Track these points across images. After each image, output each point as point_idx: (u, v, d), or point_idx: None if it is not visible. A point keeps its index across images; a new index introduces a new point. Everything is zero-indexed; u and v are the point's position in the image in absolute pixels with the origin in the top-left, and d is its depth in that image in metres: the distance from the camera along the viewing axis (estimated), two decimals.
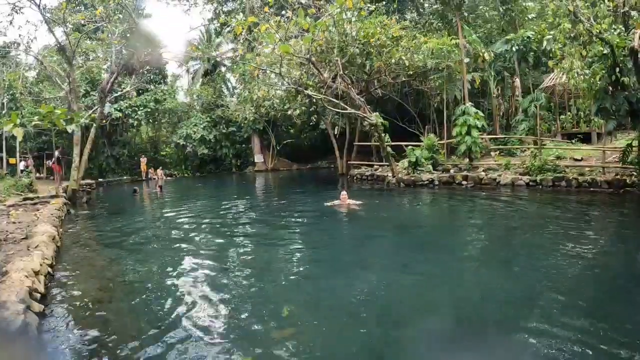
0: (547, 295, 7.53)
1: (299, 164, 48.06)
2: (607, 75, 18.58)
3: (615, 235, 12.60)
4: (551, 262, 9.39)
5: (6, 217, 14.95)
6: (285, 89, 32.04)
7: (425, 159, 26.27)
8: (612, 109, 19.04)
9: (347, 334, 6.43)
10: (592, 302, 7.29)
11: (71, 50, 24.01)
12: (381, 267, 9.77)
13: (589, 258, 9.74)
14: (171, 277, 9.59)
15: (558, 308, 6.96)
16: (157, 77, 45.79)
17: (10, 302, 6.23)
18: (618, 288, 8.08)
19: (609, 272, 8.99)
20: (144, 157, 43.34)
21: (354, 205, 17.44)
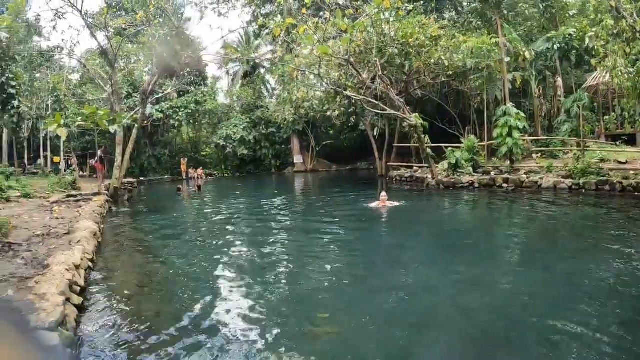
0: (586, 304, 7.21)
1: (338, 165, 47.98)
2: None
3: None
4: (592, 269, 9.00)
5: (50, 213, 15.37)
6: (324, 90, 32.00)
7: (466, 160, 25.75)
8: None
9: (382, 337, 6.35)
10: (634, 312, 7.02)
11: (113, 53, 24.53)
12: (418, 270, 9.58)
13: (634, 266, 9.36)
14: (209, 275, 9.68)
15: (598, 317, 6.66)
16: (197, 79, 46.38)
17: (50, 294, 6.38)
18: None
19: None
20: (184, 158, 44.02)
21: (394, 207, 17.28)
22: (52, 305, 5.97)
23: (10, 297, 6.56)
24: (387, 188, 26.24)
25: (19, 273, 7.87)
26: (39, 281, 6.99)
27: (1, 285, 7.19)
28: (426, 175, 27.22)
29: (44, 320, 5.50)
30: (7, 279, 7.52)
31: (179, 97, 42.90)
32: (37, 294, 6.41)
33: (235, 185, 35.65)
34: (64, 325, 5.80)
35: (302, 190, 31.91)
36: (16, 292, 6.78)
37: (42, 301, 6.14)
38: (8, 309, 4.13)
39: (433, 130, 29.78)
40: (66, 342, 5.48)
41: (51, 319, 5.54)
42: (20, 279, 7.50)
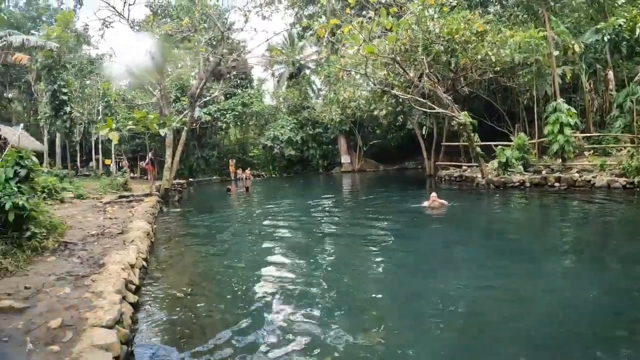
0: None
1: (386, 164, 47.66)
2: None
3: None
4: None
5: (103, 213, 15.69)
6: (371, 90, 31.78)
7: (516, 159, 25.04)
8: None
9: (432, 340, 6.22)
10: None
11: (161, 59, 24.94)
12: (468, 272, 9.34)
13: None
14: (258, 274, 9.71)
15: None
16: (243, 82, 46.84)
17: (107, 292, 6.47)
18: None
19: None
20: (232, 159, 44.50)
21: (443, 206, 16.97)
22: (109, 303, 6.05)
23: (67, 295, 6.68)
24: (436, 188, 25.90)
25: (76, 271, 8.01)
26: (96, 279, 7.11)
27: (59, 283, 7.33)
28: (476, 175, 26.71)
29: (102, 318, 5.56)
30: (65, 277, 7.67)
31: (226, 100, 43.46)
32: (94, 292, 6.52)
33: (283, 186, 35.83)
34: (120, 323, 5.86)
35: (350, 190, 31.74)
36: (73, 290, 6.90)
37: (100, 299, 6.23)
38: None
39: (481, 128, 29.19)
40: (123, 339, 5.52)
41: (109, 317, 5.60)
42: (77, 277, 7.63)
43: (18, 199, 8.93)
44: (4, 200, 8.84)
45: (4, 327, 5.55)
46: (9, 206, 8.76)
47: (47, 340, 5.16)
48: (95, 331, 5.25)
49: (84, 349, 4.78)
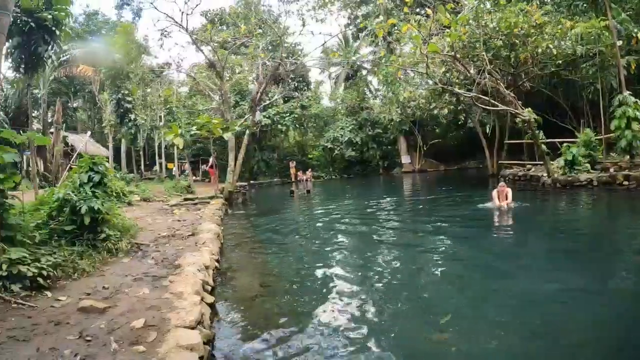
0: None
1: (446, 164, 46.99)
2: None
3: None
4: None
5: (170, 216, 15.97)
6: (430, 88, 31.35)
7: (582, 157, 24.04)
8: None
9: (506, 342, 5.95)
10: None
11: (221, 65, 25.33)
12: (539, 276, 8.82)
13: None
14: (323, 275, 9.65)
15: None
16: (301, 85, 47.15)
17: (186, 293, 6.51)
18: None
19: None
20: (292, 161, 44.82)
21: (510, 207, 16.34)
22: (190, 304, 6.09)
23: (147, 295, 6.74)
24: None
25: (152, 272, 8.13)
26: (173, 280, 7.16)
27: (136, 283, 7.44)
28: (541, 174, 25.86)
29: (185, 319, 5.57)
30: (142, 278, 7.78)
31: (284, 103, 43.84)
32: (173, 293, 6.57)
33: (344, 187, 35.75)
34: (201, 324, 5.87)
35: (411, 190, 31.34)
36: (152, 291, 6.97)
37: (180, 300, 6.27)
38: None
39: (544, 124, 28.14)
40: (205, 339, 5.51)
41: (191, 318, 5.62)
42: (154, 278, 7.73)
43: (93, 202, 9.18)
44: (80, 204, 9.10)
45: (86, 326, 5.63)
46: (85, 210, 9.00)
47: (131, 340, 5.18)
48: (179, 332, 5.26)
49: (170, 350, 4.78)
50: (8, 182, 7.36)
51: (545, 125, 28.70)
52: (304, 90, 47.23)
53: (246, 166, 40.36)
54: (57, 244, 8.45)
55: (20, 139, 7.68)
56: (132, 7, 53.27)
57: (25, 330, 5.51)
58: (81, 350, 4.96)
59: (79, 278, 7.71)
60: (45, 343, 5.15)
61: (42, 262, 7.23)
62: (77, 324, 5.71)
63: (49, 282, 7.11)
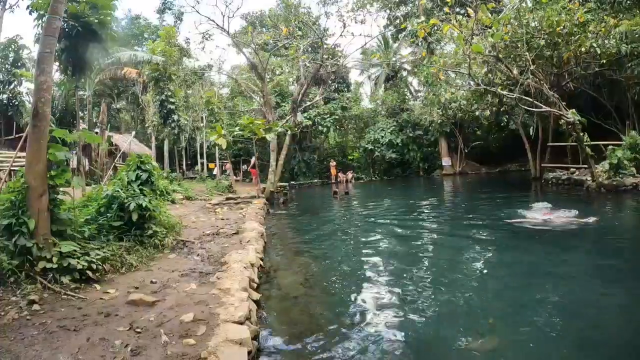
0: None
1: (488, 166, 46.21)
2: None
3: None
4: None
5: (213, 214, 16.16)
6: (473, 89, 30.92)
7: (628, 160, 23.40)
8: None
9: (548, 351, 5.81)
10: None
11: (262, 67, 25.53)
12: (584, 282, 8.64)
13: None
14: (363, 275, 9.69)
15: None
16: (341, 86, 47.17)
17: (234, 289, 6.57)
18: None
19: None
20: (333, 162, 44.81)
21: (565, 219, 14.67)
22: (238, 300, 6.17)
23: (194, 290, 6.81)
24: (542, 191, 24.80)
25: (198, 268, 8.25)
26: (221, 277, 7.24)
27: (183, 279, 7.55)
28: (585, 177, 25.26)
29: (233, 314, 5.62)
30: (188, 273, 7.89)
31: (325, 104, 43.93)
32: (221, 289, 6.65)
33: (384, 189, 35.48)
34: (249, 319, 5.91)
35: (452, 193, 30.90)
36: (199, 286, 7.07)
37: (228, 296, 6.34)
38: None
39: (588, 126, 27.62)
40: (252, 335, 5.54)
41: (240, 313, 5.69)
42: (201, 274, 7.84)
43: (141, 200, 9.35)
44: (128, 201, 9.28)
45: (136, 318, 5.72)
46: (133, 207, 9.18)
47: (181, 334, 5.26)
48: (228, 326, 5.32)
49: (220, 343, 4.83)
50: (60, 179, 7.53)
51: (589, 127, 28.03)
52: (344, 92, 47.23)
53: (287, 167, 40.55)
54: (105, 239, 8.69)
55: (71, 137, 7.85)
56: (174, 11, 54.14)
57: (76, 320, 5.66)
58: (131, 342, 5.05)
59: (127, 272, 7.89)
60: (96, 333, 5.27)
61: (92, 255, 7.42)
62: (127, 316, 5.83)
63: (98, 276, 7.29)
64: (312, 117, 42.25)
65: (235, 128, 23.88)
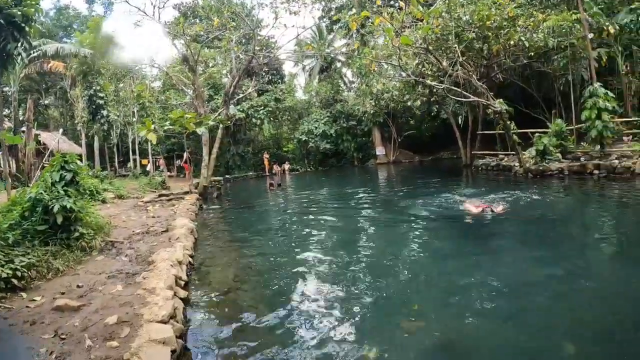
0: None
1: (421, 155, 47.17)
2: None
3: None
4: None
5: (145, 212, 16.00)
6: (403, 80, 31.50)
7: (554, 146, 24.47)
8: None
9: (476, 331, 6.18)
10: None
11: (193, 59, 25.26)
12: (512, 264, 9.17)
13: None
14: (298, 267, 9.80)
15: None
16: (275, 78, 47.08)
17: (159, 288, 6.62)
18: None
19: None
20: (267, 154, 44.76)
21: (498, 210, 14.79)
22: (163, 299, 6.21)
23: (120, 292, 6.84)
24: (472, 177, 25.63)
25: (125, 269, 8.23)
26: (147, 277, 7.27)
27: (110, 281, 7.54)
28: (513, 164, 26.33)
29: (157, 313, 5.69)
30: (115, 275, 7.87)
31: (258, 96, 43.77)
32: (146, 289, 6.68)
33: (319, 179, 35.77)
34: (174, 318, 5.99)
35: (385, 181, 31.52)
36: (125, 287, 7.09)
37: (153, 295, 6.39)
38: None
39: (517, 115, 28.52)
40: (178, 333, 5.64)
41: (163, 312, 5.75)
42: (128, 275, 7.84)
43: (65, 201, 9.19)
44: (52, 203, 9.11)
45: (61, 325, 5.73)
46: (57, 209, 9.02)
47: (105, 336, 5.31)
48: (151, 326, 5.38)
49: (143, 344, 4.91)
50: None
51: (518, 116, 29.12)
52: (278, 83, 47.18)
53: (221, 160, 40.27)
54: (30, 245, 8.47)
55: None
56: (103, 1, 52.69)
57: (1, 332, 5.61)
58: (56, 349, 5.08)
59: (54, 277, 7.79)
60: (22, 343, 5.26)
61: (16, 263, 7.29)
62: (52, 323, 5.82)
63: (24, 283, 7.18)
64: (245, 109, 41.99)
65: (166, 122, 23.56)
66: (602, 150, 23.04)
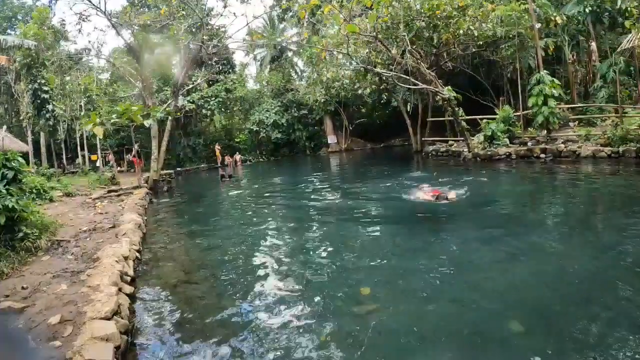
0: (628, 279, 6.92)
1: (373, 142, 47.65)
2: None
3: None
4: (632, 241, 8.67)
5: (93, 209, 15.75)
6: (354, 69, 31.72)
7: (501, 132, 25.29)
8: None
9: (424, 313, 6.40)
10: None
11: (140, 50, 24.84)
12: (461, 245, 9.46)
13: None
14: (249, 257, 9.90)
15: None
16: (225, 67, 46.61)
17: (103, 285, 6.59)
18: None
19: None
20: (218, 145, 44.35)
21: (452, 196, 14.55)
22: (106, 295, 6.19)
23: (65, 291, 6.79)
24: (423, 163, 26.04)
25: (71, 268, 8.14)
26: (91, 274, 7.22)
27: (55, 280, 7.45)
28: (462, 149, 26.94)
29: (100, 310, 5.69)
30: (60, 274, 7.79)
31: (209, 87, 43.25)
32: (90, 286, 6.64)
33: (271, 169, 35.72)
34: (118, 314, 5.99)
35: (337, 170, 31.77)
36: (70, 286, 7.03)
37: (96, 292, 6.36)
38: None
39: (466, 102, 29.18)
40: (122, 329, 5.64)
41: (106, 309, 5.74)
42: (73, 273, 7.76)
43: (7, 201, 8.98)
44: None
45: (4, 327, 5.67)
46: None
47: (48, 337, 5.29)
48: (94, 324, 5.39)
49: (85, 342, 4.92)
50: None
51: (468, 103, 29.77)
52: (229, 73, 46.74)
53: (172, 153, 39.82)
54: None
55: None
56: None
57: None
58: None
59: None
60: None
61: None
62: None
63: None
64: (195, 100, 41.48)
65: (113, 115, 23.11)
66: (549, 135, 23.85)
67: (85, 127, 21.70)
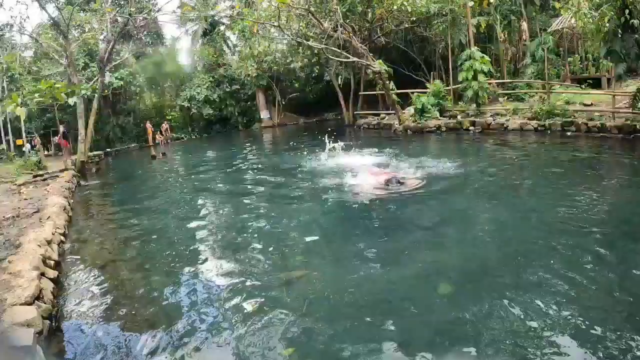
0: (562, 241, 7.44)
1: (306, 117, 47.53)
2: (616, 17, 17.71)
3: (626, 181, 11.87)
4: (563, 206, 9.24)
5: (18, 195, 15.23)
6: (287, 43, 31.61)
7: (432, 105, 25.97)
8: (622, 52, 18.27)
9: (356, 285, 6.48)
10: (603, 245, 7.15)
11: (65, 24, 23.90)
12: (389, 211, 9.85)
13: (601, 202, 9.61)
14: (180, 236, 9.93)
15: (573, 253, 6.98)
16: (155, 41, 45.41)
17: (24, 270, 6.45)
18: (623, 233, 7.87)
19: (617, 215, 8.92)
20: (149, 123, 43.19)
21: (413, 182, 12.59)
22: (27, 280, 6.08)
23: None
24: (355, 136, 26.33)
25: None
26: (12, 260, 7.04)
27: None
28: (393, 122, 27.40)
29: (20, 296, 5.59)
30: None
31: (137, 62, 41.93)
32: (11, 273, 6.49)
33: (203, 146, 35.25)
34: (41, 299, 5.90)
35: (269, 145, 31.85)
36: None
37: (18, 278, 6.23)
38: None
39: (399, 77, 29.71)
40: (45, 314, 5.58)
41: (27, 294, 5.66)
42: None
43: None
44: None
45: None
46: None
47: None
48: (15, 309, 5.31)
49: (5, 329, 4.83)
50: None
51: (400, 77, 30.32)
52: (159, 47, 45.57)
53: (101, 133, 38.63)
54: None
55: None
56: None
57: None
58: None
59: None
60: None
61: None
62: None
63: None
64: (123, 77, 40.16)
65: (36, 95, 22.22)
66: (478, 109, 24.60)
67: (7, 109, 20.73)
